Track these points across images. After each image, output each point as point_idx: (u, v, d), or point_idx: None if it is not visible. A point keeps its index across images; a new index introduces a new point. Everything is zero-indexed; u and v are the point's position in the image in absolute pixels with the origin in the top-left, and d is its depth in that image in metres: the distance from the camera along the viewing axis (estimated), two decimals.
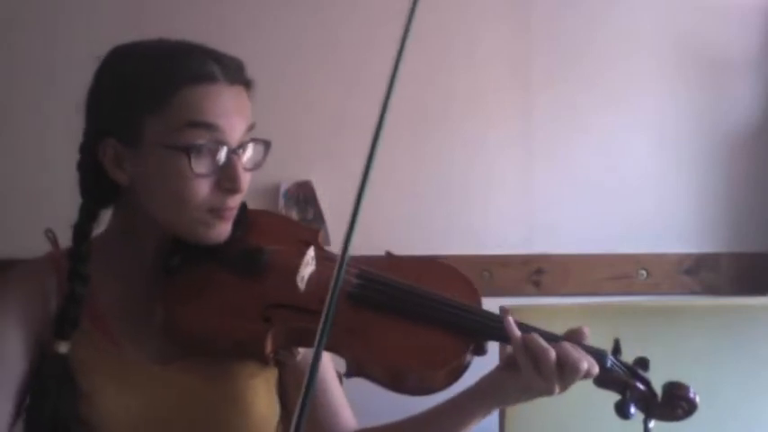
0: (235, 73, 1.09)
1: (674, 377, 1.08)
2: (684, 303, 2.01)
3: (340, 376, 1.20)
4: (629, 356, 1.10)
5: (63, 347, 1.06)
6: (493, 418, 1.64)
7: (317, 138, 2.11)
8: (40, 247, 1.17)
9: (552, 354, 1.02)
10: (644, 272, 2.19)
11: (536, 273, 2.18)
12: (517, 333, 1.05)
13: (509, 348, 1.06)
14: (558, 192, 2.19)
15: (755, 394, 1.78)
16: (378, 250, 1.19)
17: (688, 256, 2.20)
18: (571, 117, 2.18)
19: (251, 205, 1.20)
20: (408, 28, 1.06)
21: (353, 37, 2.13)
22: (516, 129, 2.18)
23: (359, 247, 1.15)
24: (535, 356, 1.02)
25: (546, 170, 2.18)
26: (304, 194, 2.11)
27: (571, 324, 1.09)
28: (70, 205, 1.12)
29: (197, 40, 1.12)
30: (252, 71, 1.13)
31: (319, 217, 2.10)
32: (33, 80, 2.08)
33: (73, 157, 1.12)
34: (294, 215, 2.09)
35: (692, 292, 2.19)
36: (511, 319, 1.07)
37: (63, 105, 1.13)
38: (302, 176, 2.10)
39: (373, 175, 1.09)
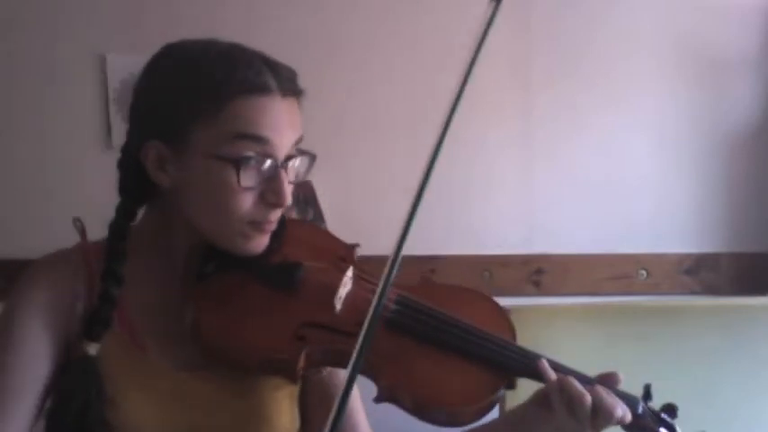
0: (289, 84, 1.06)
1: (674, 377, 1.08)
2: (684, 303, 2.01)
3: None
4: (627, 357, 1.10)
5: (92, 349, 1.05)
6: None
7: (316, 138, 2.10)
8: (40, 248, 1.16)
9: (588, 398, 1.00)
10: (644, 272, 2.19)
11: (536, 273, 2.18)
12: (553, 376, 1.04)
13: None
14: (558, 192, 2.19)
15: (755, 394, 1.78)
16: (377, 250, 1.19)
17: (688, 256, 2.20)
18: (571, 117, 2.17)
19: None
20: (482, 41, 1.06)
21: (353, 37, 2.13)
22: (516, 129, 2.17)
23: (359, 248, 1.15)
24: (570, 400, 1.01)
25: (546, 170, 2.18)
26: (304, 194, 2.11)
27: (571, 324, 1.09)
28: (70, 205, 1.12)
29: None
30: None
31: (319, 217, 2.10)
32: (33, 80, 2.08)
33: (72, 157, 1.12)
34: (294, 215, 2.09)
35: (692, 292, 2.19)
36: (545, 361, 1.06)
37: (63, 105, 1.13)
38: None
39: (373, 175, 1.09)
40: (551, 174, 2.18)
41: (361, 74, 2.13)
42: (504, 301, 1.76)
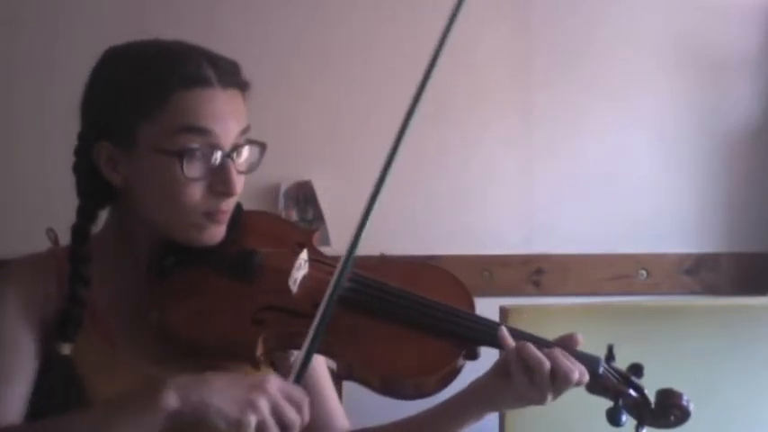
0: (229, 76, 1.08)
1: (674, 377, 1.08)
2: (684, 303, 2.01)
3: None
4: (627, 357, 1.10)
5: (66, 349, 1.06)
6: (493, 417, 1.64)
7: (316, 138, 2.11)
8: (40, 248, 1.17)
9: (546, 363, 1.01)
10: (644, 272, 2.19)
11: (536, 273, 2.18)
12: (511, 343, 1.05)
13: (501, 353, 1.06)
14: (558, 192, 2.19)
15: (755, 394, 1.78)
16: (377, 250, 1.19)
17: (688, 256, 2.20)
18: (571, 117, 2.18)
19: (251, 205, 1.20)
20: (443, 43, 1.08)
21: (353, 37, 2.13)
22: (516, 128, 2.18)
23: (358, 248, 1.15)
24: (529, 367, 1.02)
25: (546, 170, 2.18)
26: (304, 194, 2.11)
27: (571, 324, 1.09)
28: (70, 205, 1.12)
29: (197, 40, 1.12)
30: (251, 71, 1.13)
31: (319, 217, 2.10)
32: (33, 80, 2.08)
33: (73, 157, 1.12)
34: (294, 215, 2.09)
35: (692, 292, 2.19)
36: (504, 329, 1.06)
37: (63, 105, 1.13)
38: (302, 176, 2.10)
39: (373, 175, 1.09)
40: (551, 173, 2.18)
41: (361, 74, 2.13)
42: (504, 301, 1.77)
